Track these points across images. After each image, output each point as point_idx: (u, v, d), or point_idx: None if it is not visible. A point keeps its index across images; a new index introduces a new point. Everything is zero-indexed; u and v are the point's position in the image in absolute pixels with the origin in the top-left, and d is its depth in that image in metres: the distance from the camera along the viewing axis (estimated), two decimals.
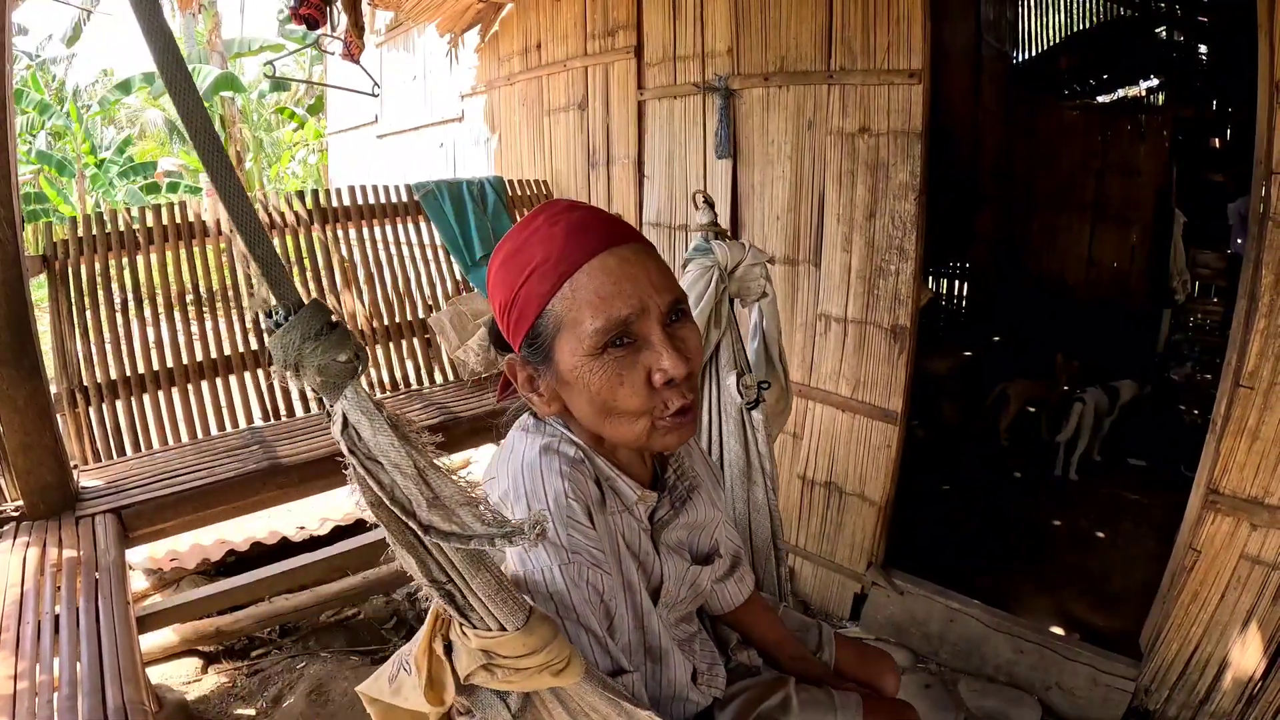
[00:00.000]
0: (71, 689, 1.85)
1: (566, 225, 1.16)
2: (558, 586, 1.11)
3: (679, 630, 1.47)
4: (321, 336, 0.79)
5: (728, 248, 2.25)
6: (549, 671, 0.99)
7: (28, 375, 2.71)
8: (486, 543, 0.87)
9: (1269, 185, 2.42)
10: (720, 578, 1.58)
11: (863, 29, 3.23)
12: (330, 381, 0.80)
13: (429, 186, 4.69)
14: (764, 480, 2.22)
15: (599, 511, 1.20)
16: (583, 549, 1.14)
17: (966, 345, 6.40)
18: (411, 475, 0.84)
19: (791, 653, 1.67)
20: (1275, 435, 2.48)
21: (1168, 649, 2.83)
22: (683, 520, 1.42)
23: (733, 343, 2.26)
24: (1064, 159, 6.52)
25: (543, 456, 1.18)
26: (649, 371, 1.14)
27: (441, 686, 1.02)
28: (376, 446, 0.82)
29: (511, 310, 1.17)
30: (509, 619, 0.95)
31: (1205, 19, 7.06)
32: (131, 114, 18.57)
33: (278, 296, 0.81)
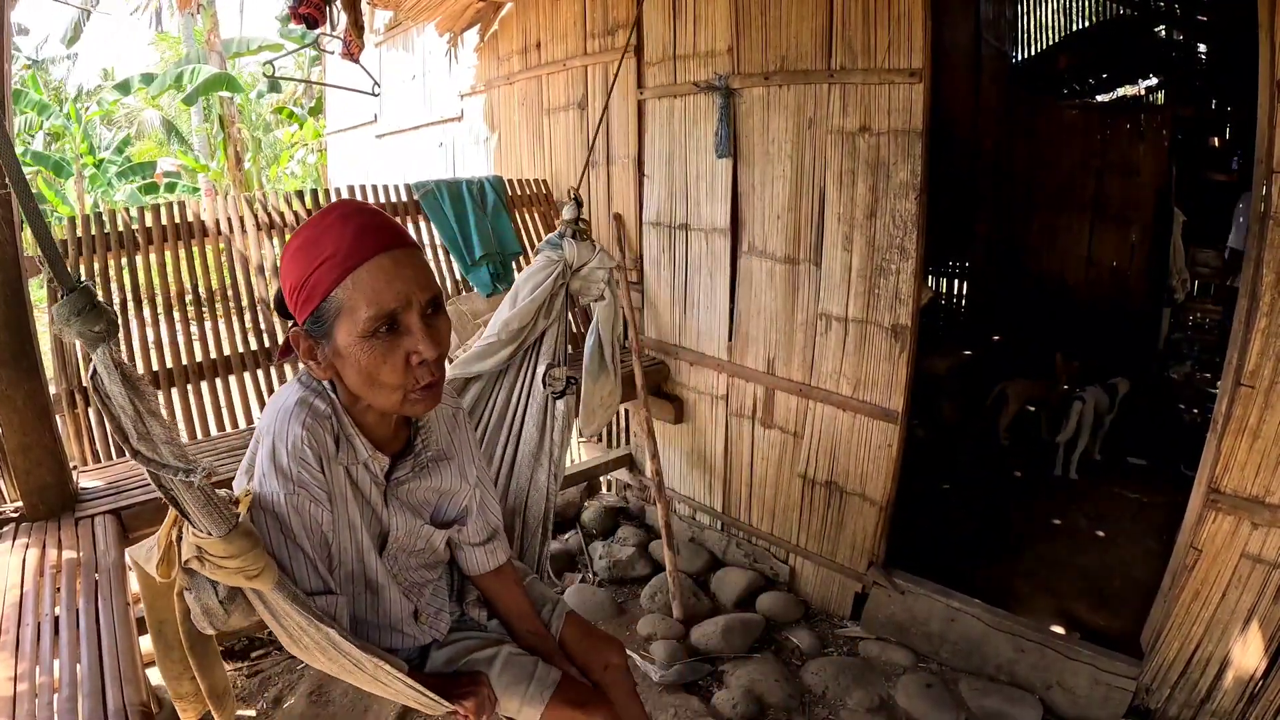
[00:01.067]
0: (71, 690, 1.84)
1: (355, 226, 1.40)
2: (281, 509, 1.43)
3: (417, 575, 1.77)
4: (84, 312, 1.08)
5: (578, 247, 2.46)
6: (243, 575, 1.31)
7: (27, 375, 2.69)
8: (171, 473, 1.17)
9: (1270, 184, 2.42)
10: (473, 544, 1.85)
11: (863, 28, 3.23)
12: (88, 342, 1.09)
13: (429, 186, 4.69)
14: (549, 465, 2.45)
15: (331, 460, 1.48)
16: (308, 485, 1.44)
17: (967, 345, 6.40)
18: (131, 415, 1.13)
19: (526, 625, 1.91)
20: (1276, 434, 2.49)
21: (1169, 648, 2.84)
22: (428, 484, 1.69)
23: (558, 335, 2.48)
24: (1064, 158, 6.52)
25: (296, 406, 1.46)
26: (408, 354, 1.41)
27: (171, 564, 1.37)
28: (111, 390, 1.12)
29: (301, 291, 1.40)
30: (214, 527, 1.26)
31: (1204, 18, 7.06)
32: (129, 114, 18.56)
33: (57, 280, 1.09)
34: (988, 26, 6.70)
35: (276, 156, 18.15)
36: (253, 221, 4.04)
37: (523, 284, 2.48)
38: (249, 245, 4.00)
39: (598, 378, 2.76)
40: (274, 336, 3.96)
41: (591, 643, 1.97)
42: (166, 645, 1.61)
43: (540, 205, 5.12)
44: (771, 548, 4.10)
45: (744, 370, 4.05)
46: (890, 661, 3.42)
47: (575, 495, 5.01)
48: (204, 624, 1.46)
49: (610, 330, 2.68)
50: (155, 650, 1.64)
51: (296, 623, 1.41)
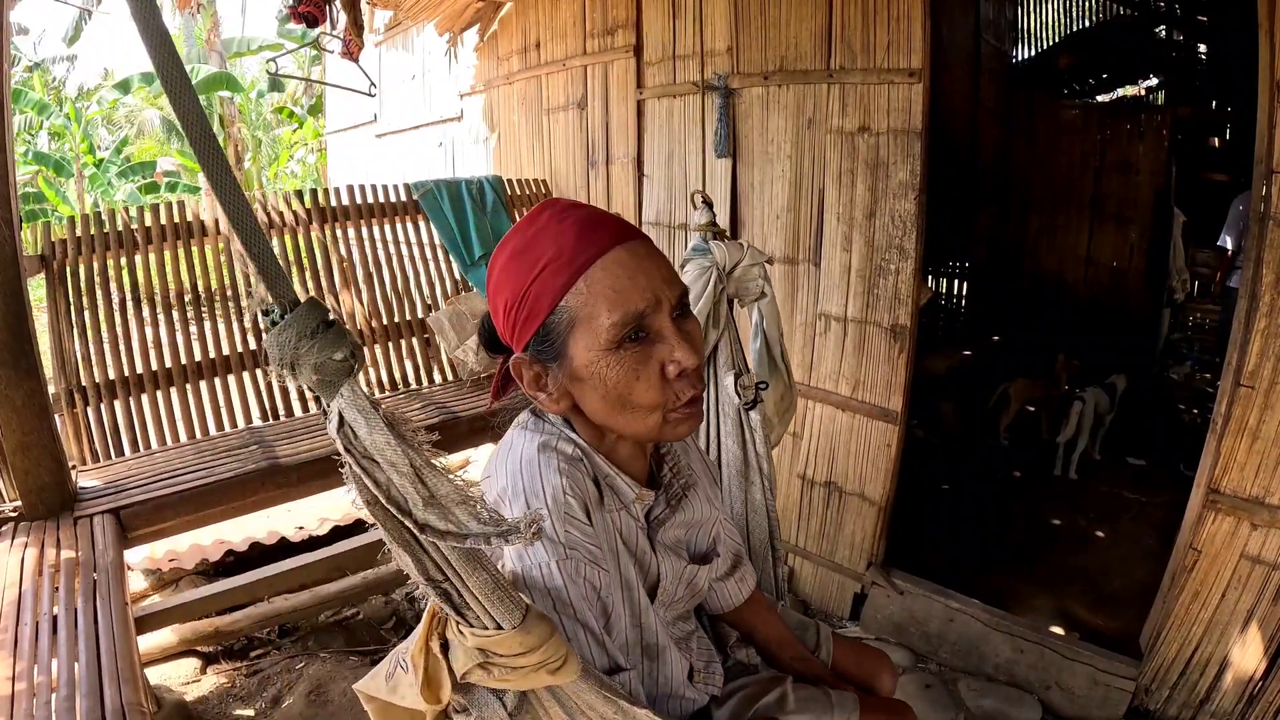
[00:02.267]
0: (69, 690, 1.85)
1: (575, 221, 1.15)
2: (555, 582, 1.12)
3: (676, 628, 1.47)
4: (317, 335, 0.79)
5: (726, 248, 2.25)
6: (545, 670, 0.98)
7: (26, 375, 2.70)
8: (483, 541, 0.86)
9: (1269, 185, 2.42)
10: (720, 577, 1.58)
11: (862, 28, 3.23)
12: (326, 379, 0.80)
13: (428, 186, 4.69)
14: (761, 480, 2.23)
15: (596, 509, 1.20)
16: (580, 545, 1.14)
17: (966, 344, 6.40)
18: (407, 474, 0.83)
19: (791, 653, 1.67)
20: (1276, 435, 2.48)
21: (1168, 649, 2.83)
22: (679, 518, 1.41)
23: (730, 343, 2.25)
24: (1063, 158, 6.53)
25: (541, 454, 1.18)
26: (663, 364, 1.15)
27: (438, 685, 1.01)
28: (373, 445, 0.82)
29: (520, 308, 1.15)
30: (505, 617, 0.94)
31: (1204, 18, 7.07)
32: (130, 113, 18.57)
33: (274, 295, 0.81)
34: (987, 26, 6.70)
35: (276, 156, 18.17)
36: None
37: None
38: None
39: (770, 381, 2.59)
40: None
41: (867, 659, 1.81)
42: None
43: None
44: None
45: None
46: (893, 663, 3.42)
47: None
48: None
49: (776, 328, 2.49)
50: None
51: (601, 715, 1.09)
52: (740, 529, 2.16)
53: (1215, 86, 6.78)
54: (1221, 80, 6.70)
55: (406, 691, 1.05)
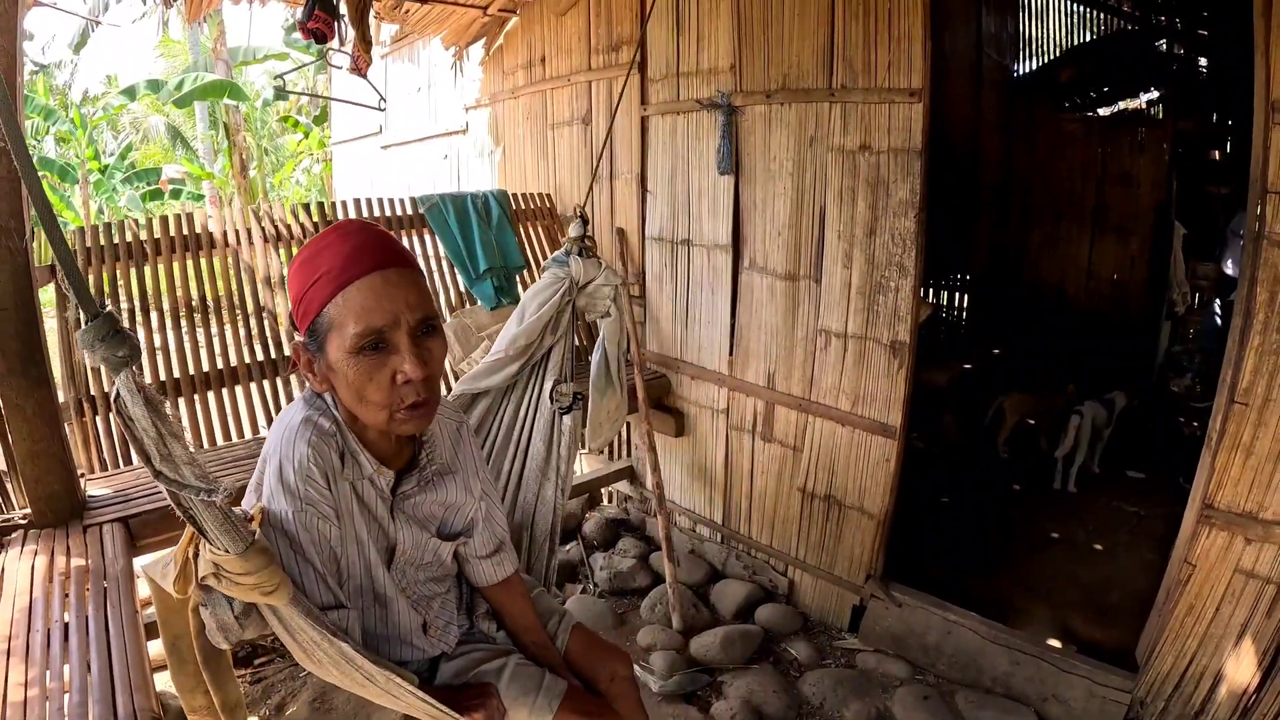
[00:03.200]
0: (82, 695, 1.88)
1: (353, 244, 1.43)
2: (290, 527, 1.45)
3: (426, 588, 1.78)
4: (108, 338, 1.10)
5: (584, 264, 2.51)
6: (259, 591, 1.33)
7: (36, 384, 2.73)
8: (192, 493, 1.19)
9: (1264, 204, 2.45)
10: (480, 556, 1.86)
11: (863, 47, 3.28)
12: (112, 366, 1.12)
13: (434, 200, 4.73)
14: (556, 479, 2.48)
15: (336, 476, 1.51)
16: (316, 503, 1.47)
17: (967, 357, 6.42)
18: (154, 437, 1.15)
19: (531, 637, 1.93)
20: (1269, 451, 2.52)
21: (1163, 661, 2.86)
22: (433, 497, 1.71)
23: (564, 351, 2.51)
24: (1065, 170, 6.57)
25: (301, 425, 1.49)
26: (394, 372, 1.42)
27: (188, 580, 1.38)
28: (134, 415, 1.14)
29: (300, 305, 1.45)
30: (231, 544, 1.27)
31: (1205, 32, 7.10)
32: (135, 120, 18.62)
33: (82, 306, 1.10)
34: (989, 39, 6.75)
35: (281, 165, 18.22)
36: (259, 234, 4.08)
37: (529, 301, 2.51)
38: (256, 257, 4.05)
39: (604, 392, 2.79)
40: (280, 348, 4.00)
41: (598, 654, 1.99)
42: (180, 660, 1.63)
43: (544, 219, 5.16)
44: (771, 560, 4.13)
45: (744, 385, 4.08)
46: (887, 673, 3.45)
47: (577, 507, 5.04)
48: (219, 639, 1.47)
49: (616, 346, 2.71)
50: (169, 664, 1.66)
51: (310, 637, 1.43)
52: (527, 518, 2.45)
53: (1216, 100, 6.79)
54: (1222, 94, 6.72)
55: (169, 580, 1.41)
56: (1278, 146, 2.40)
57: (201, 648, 1.56)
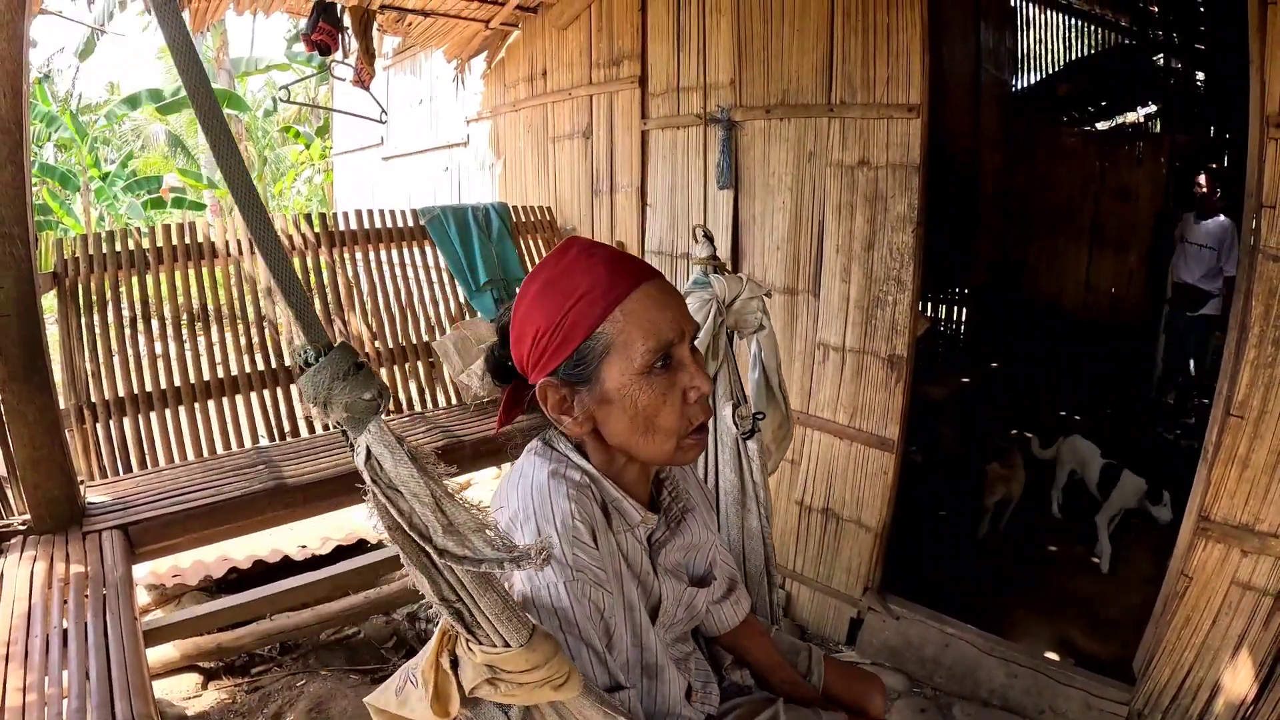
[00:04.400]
0: (80, 702, 1.88)
1: (605, 258, 1.25)
2: (562, 603, 1.18)
3: (675, 649, 1.53)
4: (349, 377, 0.86)
5: (726, 281, 2.30)
6: (550, 686, 1.05)
7: (38, 391, 2.74)
8: (496, 566, 0.93)
9: (1259, 218, 2.47)
10: (716, 600, 1.63)
11: (862, 63, 3.30)
12: (356, 417, 0.87)
13: (434, 211, 4.75)
14: (758, 508, 2.28)
15: (603, 533, 1.27)
16: (586, 567, 1.21)
17: (965, 371, 6.44)
18: (429, 504, 0.90)
19: (783, 676, 1.73)
20: (1265, 463, 2.52)
21: (1160, 673, 2.86)
22: (679, 542, 1.48)
23: (729, 374, 2.32)
24: (1063, 184, 6.60)
25: (551, 480, 1.26)
26: (685, 390, 1.25)
27: (447, 699, 1.07)
28: (397, 477, 0.89)
29: (554, 334, 1.23)
30: (513, 635, 1.00)
31: (1202, 47, 7.15)
32: (136, 128, 18.66)
33: (309, 338, 0.87)
34: (988, 55, 6.79)
35: (282, 175, 18.26)
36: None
37: None
38: (257, 267, 4.06)
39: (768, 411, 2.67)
40: (280, 357, 4.01)
41: (860, 684, 1.86)
42: None
43: (544, 232, 5.18)
44: None
45: None
46: (885, 686, 3.44)
47: None
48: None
49: (774, 359, 2.58)
50: None
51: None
52: (737, 554, 2.22)
53: (1213, 113, 6.84)
54: (1219, 108, 6.76)
55: (416, 705, 1.09)
56: (1273, 160, 2.41)
57: None
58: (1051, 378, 6.45)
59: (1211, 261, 5.57)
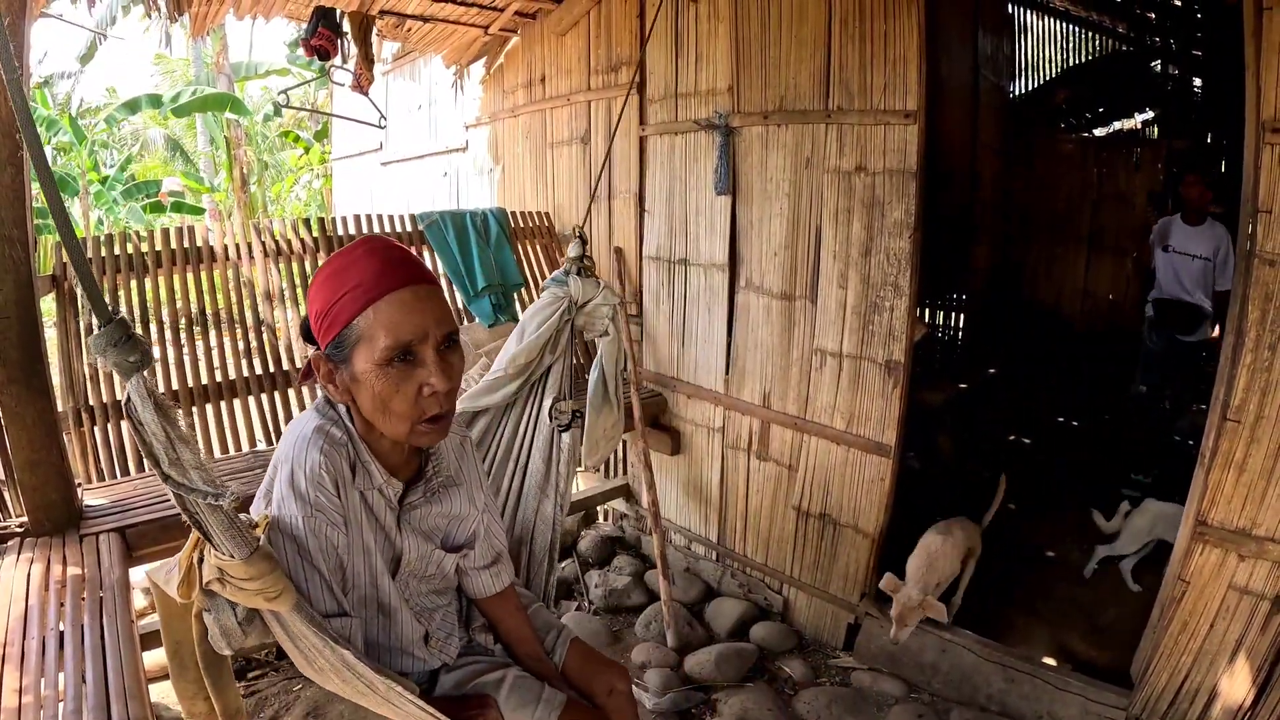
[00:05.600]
0: (76, 704, 1.88)
1: (379, 260, 1.48)
2: (299, 531, 1.48)
3: (428, 600, 1.82)
4: (120, 344, 1.14)
5: (583, 284, 2.53)
6: (263, 596, 1.35)
7: (37, 394, 2.73)
8: (200, 496, 1.22)
9: (1255, 223, 2.47)
10: (478, 567, 1.90)
11: (860, 70, 3.31)
12: (123, 371, 1.15)
13: (433, 217, 4.76)
14: (555, 496, 2.50)
15: (346, 485, 1.55)
16: (325, 509, 1.50)
17: (963, 377, 6.44)
18: (163, 440, 1.18)
19: (527, 650, 1.95)
20: (1262, 467, 2.53)
21: (1158, 678, 2.86)
22: (438, 509, 1.75)
23: (563, 369, 2.54)
24: (1061, 190, 6.61)
25: (313, 434, 1.53)
26: (420, 385, 1.48)
27: (191, 585, 1.40)
28: (144, 417, 1.17)
29: (326, 317, 1.48)
30: (236, 550, 1.30)
31: (1199, 53, 7.17)
32: (135, 132, 18.66)
33: (95, 313, 1.15)
34: (986, 61, 6.80)
35: (281, 180, 18.25)
36: (259, 248, 4.10)
37: (529, 320, 2.53)
38: (255, 271, 4.07)
39: (601, 410, 2.80)
40: (279, 362, 4.02)
41: (595, 668, 2.00)
42: (182, 666, 1.64)
43: (542, 237, 5.19)
44: (765, 578, 4.13)
45: (740, 403, 4.10)
46: (882, 692, 3.45)
47: (573, 524, 5.04)
48: (221, 645, 1.48)
49: (614, 365, 2.73)
50: (170, 671, 1.66)
51: (312, 644, 1.45)
52: (526, 534, 2.48)
53: (1210, 120, 6.85)
54: (1216, 114, 6.78)
55: (171, 586, 1.43)
56: (1268, 165, 2.42)
57: (203, 654, 1.56)
58: (1050, 383, 6.45)
59: (1206, 274, 4.86)
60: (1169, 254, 5.01)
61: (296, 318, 4.15)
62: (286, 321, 4.12)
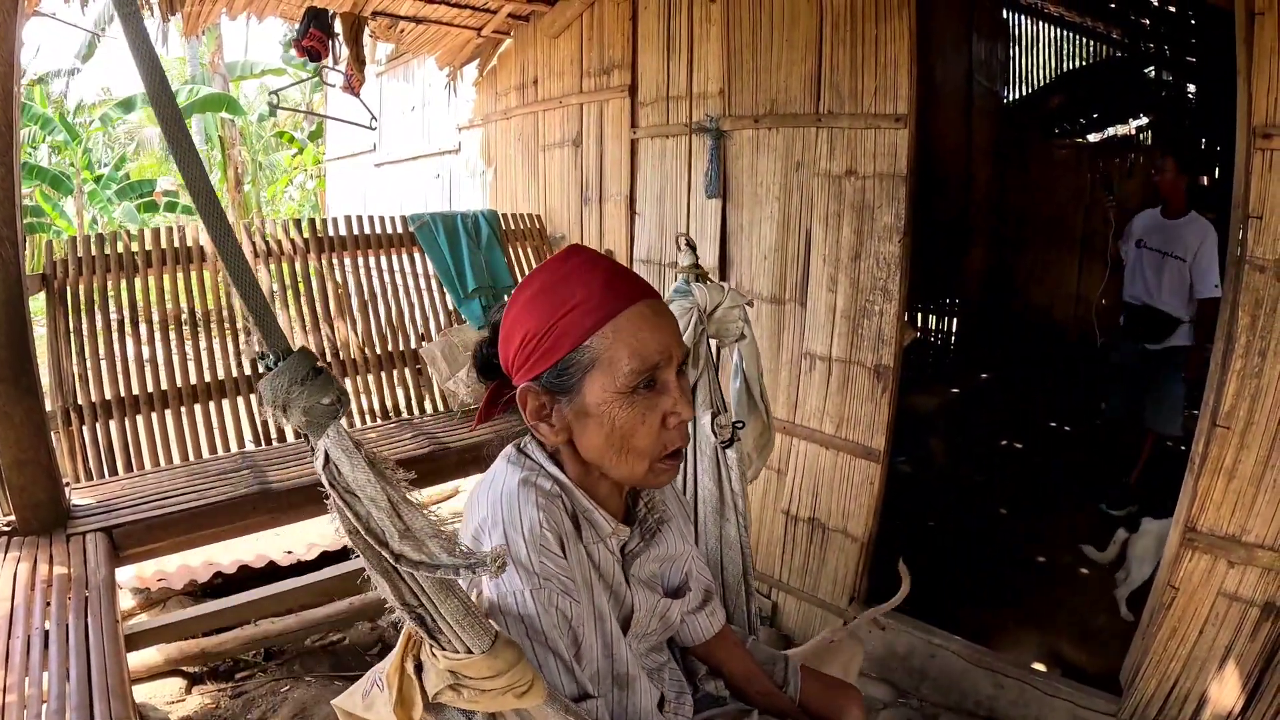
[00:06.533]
0: (60, 704, 1.87)
1: (605, 270, 1.26)
2: (528, 610, 1.18)
3: (649, 660, 1.53)
4: (308, 381, 0.86)
5: (707, 290, 2.32)
6: (513, 693, 1.05)
7: (25, 393, 2.74)
8: (452, 572, 0.94)
9: (1246, 228, 2.48)
10: (692, 610, 1.63)
11: (850, 74, 3.32)
12: (314, 421, 0.87)
13: (424, 219, 4.76)
14: (736, 518, 2.29)
15: (572, 542, 1.27)
16: (554, 576, 1.21)
17: (955, 382, 6.45)
18: (385, 509, 0.90)
19: (759, 687, 1.71)
20: (1251, 474, 2.53)
21: (1147, 684, 2.85)
22: (654, 553, 1.49)
23: (709, 382, 2.32)
24: (1054, 196, 6.62)
25: (521, 488, 1.26)
26: (665, 415, 1.25)
27: (411, 704, 1.08)
28: (354, 481, 0.89)
29: (543, 339, 1.23)
30: (475, 642, 1.01)
31: (1193, 59, 7.20)
32: (130, 131, 18.63)
33: (269, 342, 0.88)
34: (980, 67, 6.81)
35: (275, 180, 18.24)
36: (251, 249, 4.09)
37: None
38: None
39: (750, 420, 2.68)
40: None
41: (833, 694, 1.83)
42: None
43: (533, 240, 5.19)
44: (754, 582, 4.11)
45: None
46: (871, 697, 3.44)
47: None
48: None
49: (755, 368, 2.59)
50: None
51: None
52: (715, 564, 2.22)
53: (1204, 126, 6.87)
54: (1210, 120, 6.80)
55: (381, 709, 1.10)
56: (1260, 171, 2.42)
57: None
58: (1043, 387, 6.46)
59: (1183, 276, 4.39)
60: (1141, 250, 4.64)
61: (287, 319, 4.14)
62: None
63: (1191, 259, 4.33)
